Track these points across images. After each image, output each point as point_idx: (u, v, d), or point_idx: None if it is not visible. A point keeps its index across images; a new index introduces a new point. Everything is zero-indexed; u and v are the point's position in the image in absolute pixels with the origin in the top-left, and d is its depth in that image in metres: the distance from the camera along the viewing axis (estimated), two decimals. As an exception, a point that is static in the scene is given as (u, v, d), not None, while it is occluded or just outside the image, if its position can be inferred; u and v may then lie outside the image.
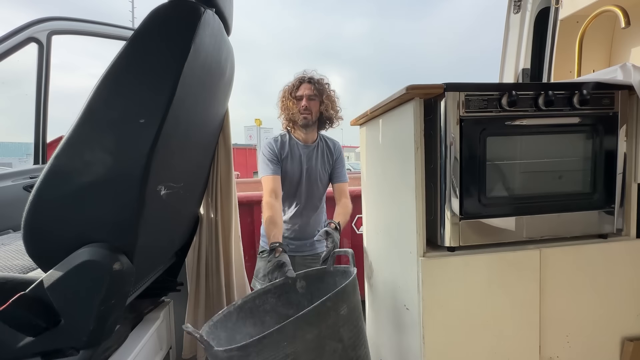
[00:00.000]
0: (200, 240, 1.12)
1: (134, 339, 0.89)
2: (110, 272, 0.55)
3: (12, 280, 0.60)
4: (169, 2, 0.60)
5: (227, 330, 0.88)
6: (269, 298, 0.94)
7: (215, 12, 0.73)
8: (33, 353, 0.57)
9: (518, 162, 0.91)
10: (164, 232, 0.78)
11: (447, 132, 0.86)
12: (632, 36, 1.48)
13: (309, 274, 1.02)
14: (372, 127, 1.21)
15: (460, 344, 0.89)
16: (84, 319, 0.56)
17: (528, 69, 1.79)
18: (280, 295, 0.93)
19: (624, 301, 0.96)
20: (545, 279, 0.91)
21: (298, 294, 0.93)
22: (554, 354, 0.93)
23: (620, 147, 0.94)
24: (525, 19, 1.78)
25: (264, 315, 0.93)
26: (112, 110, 0.56)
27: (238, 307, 0.91)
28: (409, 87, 0.83)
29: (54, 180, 0.55)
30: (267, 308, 0.93)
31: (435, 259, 0.87)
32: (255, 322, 0.92)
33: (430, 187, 0.91)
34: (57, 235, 0.57)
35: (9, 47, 1.20)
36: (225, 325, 0.88)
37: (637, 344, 0.94)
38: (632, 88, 0.87)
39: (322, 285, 0.90)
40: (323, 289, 0.88)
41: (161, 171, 0.62)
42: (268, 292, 0.95)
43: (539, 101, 0.88)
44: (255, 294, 0.94)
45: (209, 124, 0.89)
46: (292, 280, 0.99)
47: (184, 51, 0.59)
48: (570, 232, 0.95)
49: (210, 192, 1.12)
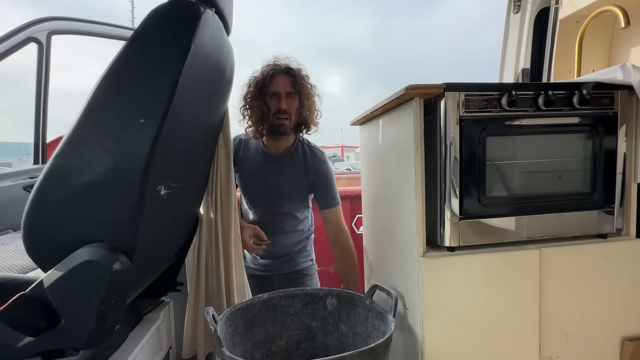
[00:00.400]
0: (200, 240, 1.12)
1: (134, 339, 0.89)
2: (110, 272, 0.55)
3: (12, 280, 0.60)
4: (169, 2, 0.60)
5: (246, 320, 0.88)
6: (296, 302, 0.92)
7: (215, 12, 0.73)
8: (33, 353, 0.57)
9: (518, 162, 0.91)
10: (164, 232, 0.78)
11: (447, 132, 0.86)
12: (632, 36, 1.48)
13: (343, 293, 0.94)
14: (372, 127, 1.21)
15: (460, 344, 0.89)
16: (84, 319, 0.56)
17: (528, 69, 1.79)
18: (307, 303, 0.91)
19: (624, 301, 0.96)
20: (545, 279, 0.91)
21: (326, 309, 0.90)
22: (554, 354, 0.93)
23: (620, 147, 0.94)
24: (525, 19, 1.78)
25: (287, 317, 0.92)
26: (112, 110, 0.56)
27: (262, 301, 0.91)
28: (408, 87, 0.83)
29: (54, 180, 0.55)
30: (291, 311, 0.92)
31: (435, 259, 0.87)
32: (276, 321, 0.92)
33: (430, 187, 0.91)
34: (57, 235, 0.57)
35: (9, 47, 1.20)
36: (246, 315, 0.88)
37: (637, 344, 0.94)
38: (632, 88, 0.87)
39: (353, 312, 0.85)
40: (353, 317, 0.83)
41: (161, 171, 0.62)
42: (296, 296, 0.93)
43: (538, 101, 0.88)
44: (282, 294, 0.93)
45: (209, 123, 0.89)
46: (324, 292, 0.94)
47: (184, 51, 0.58)
48: (570, 232, 0.95)
49: (210, 192, 1.12)
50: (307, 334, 0.90)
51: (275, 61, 1.23)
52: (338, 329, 0.86)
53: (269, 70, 1.19)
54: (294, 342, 0.91)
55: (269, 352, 0.91)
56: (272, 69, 1.19)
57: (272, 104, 1.19)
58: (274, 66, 1.21)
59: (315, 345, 0.89)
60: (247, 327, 0.88)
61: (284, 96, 1.19)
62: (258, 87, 1.20)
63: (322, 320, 0.88)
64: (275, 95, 1.19)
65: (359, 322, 0.81)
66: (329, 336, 0.87)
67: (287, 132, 1.22)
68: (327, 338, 0.87)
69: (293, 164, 1.27)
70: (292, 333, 0.91)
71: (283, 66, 1.21)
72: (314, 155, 1.28)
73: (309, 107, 1.25)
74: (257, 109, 1.19)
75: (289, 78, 1.20)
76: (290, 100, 1.20)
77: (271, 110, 1.19)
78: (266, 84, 1.19)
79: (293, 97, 1.21)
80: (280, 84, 1.19)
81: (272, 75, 1.19)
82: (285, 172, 1.26)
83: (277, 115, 1.18)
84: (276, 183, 1.26)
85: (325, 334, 0.87)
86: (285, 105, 1.18)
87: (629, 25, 1.13)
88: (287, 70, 1.20)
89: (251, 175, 1.28)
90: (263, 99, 1.20)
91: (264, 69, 1.21)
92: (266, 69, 1.21)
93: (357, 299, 0.83)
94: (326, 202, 1.27)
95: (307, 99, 1.24)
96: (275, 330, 0.91)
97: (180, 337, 1.18)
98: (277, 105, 1.18)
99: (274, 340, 0.91)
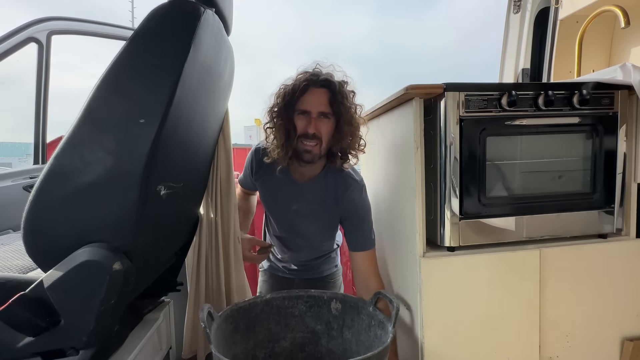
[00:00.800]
0: (200, 240, 1.12)
1: (134, 339, 0.89)
2: (110, 272, 0.55)
3: (12, 280, 0.60)
4: (169, 2, 0.60)
5: (248, 319, 0.88)
6: (299, 304, 0.91)
7: (215, 12, 0.73)
8: (33, 353, 0.57)
9: (518, 162, 0.91)
10: (164, 232, 0.78)
11: (447, 132, 0.86)
12: (632, 36, 1.47)
13: (347, 298, 0.90)
14: (372, 127, 1.21)
15: (460, 344, 0.89)
16: (84, 319, 0.56)
17: (528, 69, 1.79)
18: (311, 306, 0.90)
19: (624, 301, 0.96)
20: (545, 279, 0.91)
21: (330, 313, 0.87)
22: (554, 353, 0.93)
23: (620, 147, 0.94)
24: (525, 18, 1.78)
25: (291, 318, 0.91)
26: (112, 110, 0.56)
27: (265, 300, 0.90)
28: (408, 87, 0.83)
29: (54, 180, 0.55)
30: (295, 313, 0.90)
31: (435, 259, 0.87)
32: (279, 322, 0.90)
33: (430, 187, 0.91)
34: (57, 235, 0.57)
35: (9, 47, 1.20)
36: (248, 314, 0.88)
37: (637, 344, 0.94)
38: (632, 88, 0.87)
39: (357, 318, 0.81)
40: (357, 324, 0.80)
41: (161, 171, 0.62)
42: (300, 297, 0.91)
43: (538, 101, 0.88)
44: (285, 295, 0.92)
45: (208, 123, 0.89)
46: (328, 296, 0.91)
47: (184, 51, 0.58)
48: (570, 232, 0.95)
49: (210, 192, 1.12)
50: (311, 337, 0.90)
51: (315, 69, 0.95)
52: (342, 335, 0.85)
53: (302, 81, 0.92)
54: (299, 344, 0.91)
55: (272, 352, 0.90)
56: (307, 80, 0.92)
57: (300, 123, 0.94)
58: (309, 76, 0.93)
59: (320, 349, 0.88)
60: (250, 325, 0.88)
61: (315, 116, 0.92)
62: (286, 101, 0.94)
63: (327, 325, 0.87)
64: (304, 114, 0.93)
65: (362, 329, 0.80)
66: (334, 341, 0.86)
67: (313, 161, 0.96)
68: (331, 343, 0.87)
69: (318, 196, 1.03)
70: (297, 335, 0.90)
71: (321, 77, 0.93)
72: (346, 187, 1.02)
73: (351, 133, 0.97)
74: (283, 127, 0.94)
75: (327, 94, 0.93)
76: (323, 122, 0.94)
77: (297, 131, 0.94)
78: (296, 97, 0.93)
79: (328, 118, 0.94)
80: (314, 100, 0.92)
81: (304, 88, 0.92)
82: (310, 204, 1.05)
83: (303, 139, 0.93)
84: (299, 210, 1.06)
85: (329, 339, 0.87)
86: (315, 128, 0.92)
87: (629, 25, 1.13)
88: (325, 82, 0.93)
89: (272, 195, 1.10)
90: (290, 116, 0.95)
91: (297, 78, 0.95)
92: (300, 77, 0.94)
93: (362, 306, 0.82)
94: (355, 243, 1.03)
95: (348, 123, 0.95)
96: (278, 330, 0.91)
97: (180, 337, 1.18)
98: (304, 127, 0.93)
99: (277, 340, 0.91)
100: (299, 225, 1.11)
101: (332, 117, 0.94)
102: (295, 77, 0.96)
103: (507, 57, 1.87)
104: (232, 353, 0.84)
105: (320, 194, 1.03)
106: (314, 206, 1.05)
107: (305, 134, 0.93)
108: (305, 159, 0.95)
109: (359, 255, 1.02)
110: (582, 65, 1.39)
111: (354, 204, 1.02)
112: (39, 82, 1.41)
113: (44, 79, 1.41)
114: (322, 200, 1.04)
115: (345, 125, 0.95)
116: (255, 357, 0.89)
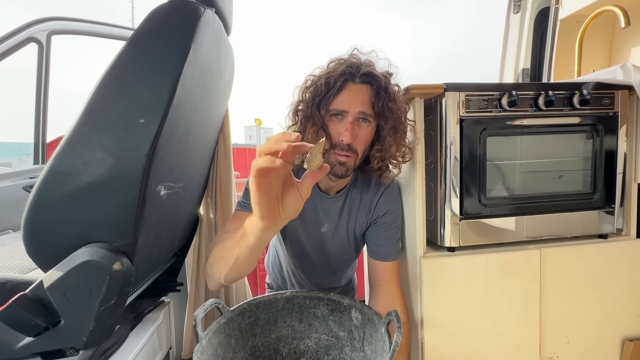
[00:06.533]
0: (200, 240, 1.12)
1: (134, 339, 0.89)
2: (110, 272, 0.55)
3: (12, 280, 0.60)
4: (169, 2, 0.60)
5: (269, 313, 0.87)
6: (321, 306, 0.89)
7: (215, 12, 0.73)
8: (33, 353, 0.57)
9: (518, 162, 0.91)
10: (164, 232, 0.78)
11: (447, 132, 0.86)
12: (632, 36, 1.48)
13: (365, 310, 0.83)
14: (372, 127, 1.21)
15: (460, 344, 0.89)
16: (84, 319, 0.56)
17: (528, 69, 1.79)
18: (333, 310, 0.87)
19: (624, 301, 0.96)
20: (545, 279, 0.91)
21: (352, 322, 0.84)
22: (554, 354, 0.93)
23: (620, 147, 0.94)
24: (525, 19, 1.78)
25: (314, 319, 0.89)
26: (112, 110, 0.56)
27: (286, 297, 0.89)
28: (409, 87, 0.83)
29: (54, 180, 0.55)
30: (318, 314, 0.89)
31: (435, 259, 0.87)
32: (302, 320, 0.89)
33: (430, 187, 0.91)
34: (56, 236, 0.57)
35: (9, 47, 1.20)
36: (269, 309, 0.87)
37: (637, 344, 0.94)
38: (632, 88, 0.87)
39: (375, 335, 0.75)
40: (375, 341, 0.76)
41: (161, 171, 0.62)
42: (321, 299, 0.89)
43: (539, 101, 0.88)
44: (306, 294, 0.90)
45: (208, 124, 0.89)
46: (347, 303, 0.85)
47: (184, 51, 0.58)
48: (570, 232, 0.95)
49: (210, 192, 1.12)
50: (336, 342, 0.89)
51: (352, 56, 0.76)
52: (363, 349, 0.84)
53: (339, 74, 0.73)
54: (324, 347, 0.90)
55: (296, 349, 0.90)
56: (344, 72, 0.73)
57: (334, 128, 0.75)
58: (348, 66, 0.74)
59: (344, 357, 0.88)
60: (271, 320, 0.88)
61: (352, 120, 0.73)
62: (317, 97, 0.74)
63: (349, 333, 0.86)
64: (339, 115, 0.74)
65: (378, 350, 0.79)
66: (356, 353, 0.86)
67: (346, 175, 0.77)
68: (354, 354, 0.86)
69: (350, 207, 0.89)
70: (321, 337, 0.90)
71: (363, 68, 0.74)
72: (377, 189, 0.88)
73: (397, 142, 0.79)
74: (314, 133, 0.75)
75: (369, 90, 0.74)
76: (362, 128, 0.76)
77: (331, 138, 0.75)
78: (331, 94, 0.73)
79: (368, 122, 0.76)
80: (352, 99, 0.73)
81: (342, 83, 0.73)
82: (342, 220, 0.89)
83: (336, 149, 0.74)
84: (331, 230, 0.90)
85: (352, 349, 0.86)
86: (351, 137, 0.73)
87: (629, 25, 1.14)
88: (367, 77, 0.74)
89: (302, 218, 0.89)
90: (322, 118, 0.75)
91: (331, 67, 0.76)
92: (335, 67, 0.75)
93: (377, 323, 0.78)
94: (376, 251, 0.88)
95: (393, 131, 0.77)
96: (302, 329, 0.90)
97: (180, 337, 1.18)
98: (339, 134, 0.74)
99: (302, 338, 0.90)
100: (328, 253, 0.93)
101: (372, 121, 0.76)
102: (326, 66, 0.77)
103: (507, 57, 1.87)
104: (250, 345, 0.85)
105: (352, 205, 0.89)
106: (345, 222, 0.89)
107: (339, 143, 0.74)
108: (338, 174, 0.76)
109: (377, 265, 0.89)
110: (582, 65, 1.39)
111: (382, 206, 0.89)
112: (39, 82, 1.41)
113: (43, 79, 1.41)
114: (354, 212, 0.89)
115: (390, 134, 0.76)
116: (278, 350, 0.89)
